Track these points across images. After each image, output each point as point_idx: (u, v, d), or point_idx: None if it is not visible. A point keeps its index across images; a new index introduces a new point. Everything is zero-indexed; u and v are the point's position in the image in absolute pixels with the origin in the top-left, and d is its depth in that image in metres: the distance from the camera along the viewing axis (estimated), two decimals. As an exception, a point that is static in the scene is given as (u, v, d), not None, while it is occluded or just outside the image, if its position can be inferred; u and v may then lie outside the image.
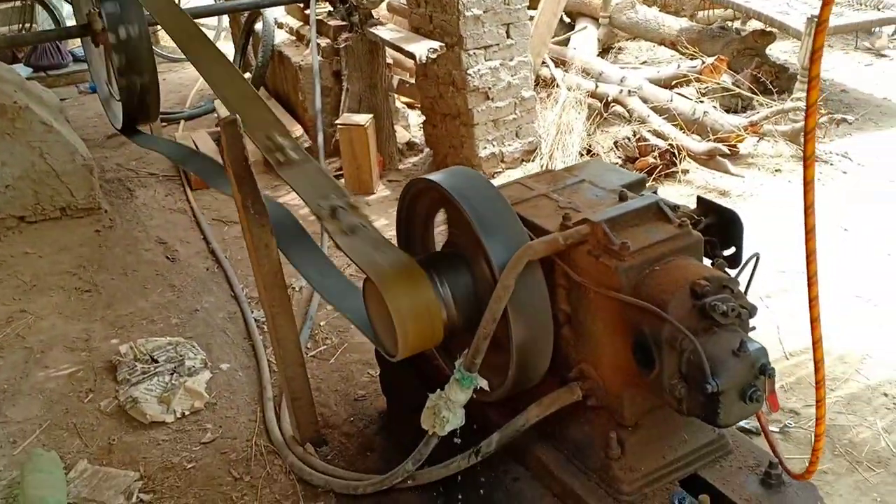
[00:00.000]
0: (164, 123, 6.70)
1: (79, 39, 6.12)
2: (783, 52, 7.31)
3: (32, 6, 7.57)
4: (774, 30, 6.42)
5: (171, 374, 3.61)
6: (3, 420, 3.44)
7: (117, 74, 4.71)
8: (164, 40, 8.75)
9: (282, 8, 6.51)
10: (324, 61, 5.47)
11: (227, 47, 8.58)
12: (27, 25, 7.49)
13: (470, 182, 2.11)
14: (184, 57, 8.22)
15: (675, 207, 2.07)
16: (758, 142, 5.45)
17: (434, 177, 2.14)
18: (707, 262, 2.02)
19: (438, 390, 2.13)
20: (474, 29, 4.81)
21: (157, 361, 3.69)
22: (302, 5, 5.82)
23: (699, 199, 2.18)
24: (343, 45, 5.34)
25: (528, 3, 5.02)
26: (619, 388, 2.00)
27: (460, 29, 4.77)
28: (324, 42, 5.51)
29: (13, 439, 3.31)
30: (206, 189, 5.51)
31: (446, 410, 2.08)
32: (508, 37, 4.97)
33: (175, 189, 5.65)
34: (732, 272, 1.96)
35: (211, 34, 9.04)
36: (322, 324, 3.95)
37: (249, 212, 2.85)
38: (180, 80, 7.84)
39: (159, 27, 8.41)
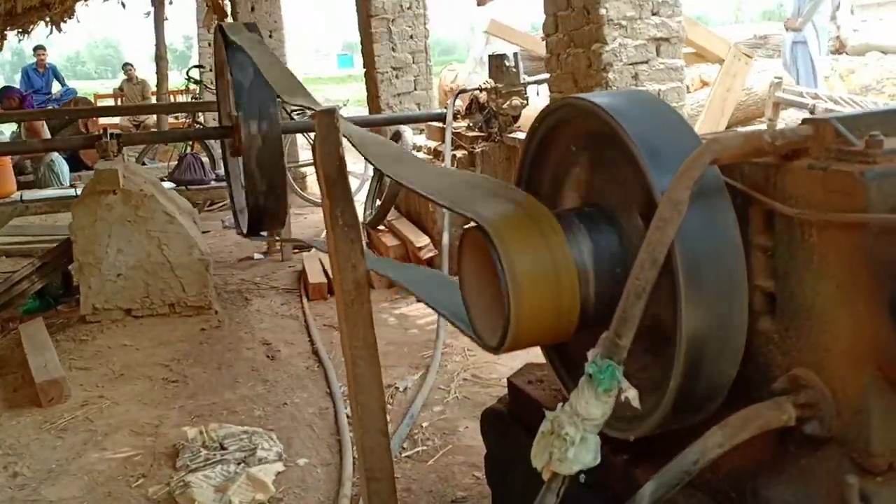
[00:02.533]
0: (295, 250, 6.49)
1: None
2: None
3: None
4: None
5: (239, 463, 2.95)
6: (35, 499, 2.87)
7: (246, 182, 4.50)
8: (312, 185, 8.78)
9: (423, 135, 6.33)
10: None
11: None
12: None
13: (643, 103, 1.45)
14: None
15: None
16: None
17: (591, 96, 1.48)
18: None
19: (560, 404, 1.36)
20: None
21: (225, 449, 3.06)
22: (442, 124, 5.54)
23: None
24: (479, 151, 4.94)
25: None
26: (862, 398, 1.19)
27: (609, 123, 4.26)
28: (461, 153, 5.15)
29: (39, 521, 2.71)
30: (323, 300, 5.10)
31: (571, 427, 1.30)
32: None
33: (292, 299, 5.25)
34: None
35: (355, 182, 9.02)
36: (425, 424, 3.22)
37: (338, 222, 2.26)
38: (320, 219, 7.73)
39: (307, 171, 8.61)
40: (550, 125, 1.60)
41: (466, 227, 1.54)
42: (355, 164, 9.35)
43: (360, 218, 6.50)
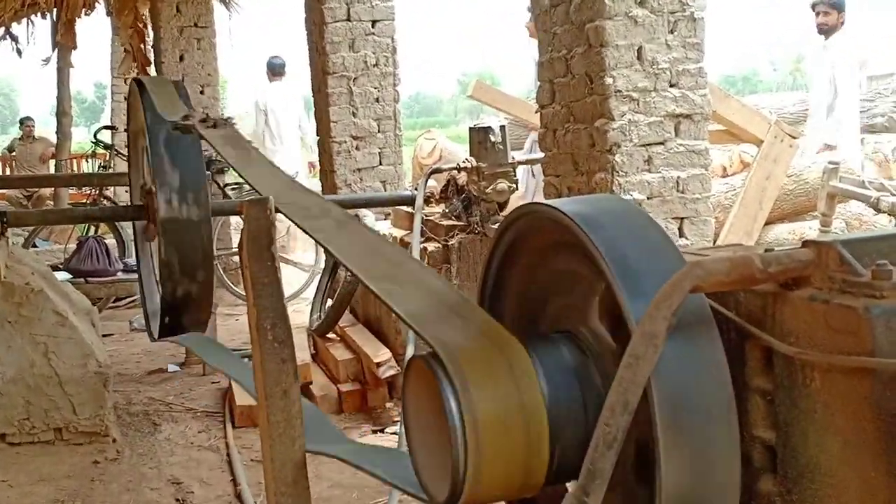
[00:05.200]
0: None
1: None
2: None
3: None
4: None
5: None
6: None
7: (161, 273, 4.58)
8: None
9: (387, 222, 6.49)
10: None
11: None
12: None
13: (619, 212, 1.57)
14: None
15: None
16: None
17: (558, 203, 1.61)
18: None
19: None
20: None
21: None
22: (411, 208, 5.70)
23: None
24: (455, 244, 5.07)
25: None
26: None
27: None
28: (433, 246, 5.28)
29: None
30: (253, 427, 5.13)
31: None
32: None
33: (213, 426, 5.30)
34: None
35: (303, 276, 9.17)
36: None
37: (267, 337, 2.34)
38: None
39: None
40: (515, 235, 1.72)
41: (413, 355, 1.63)
42: (305, 252, 9.55)
43: (307, 323, 6.61)
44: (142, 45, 9.05)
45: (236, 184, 9.57)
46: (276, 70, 11.23)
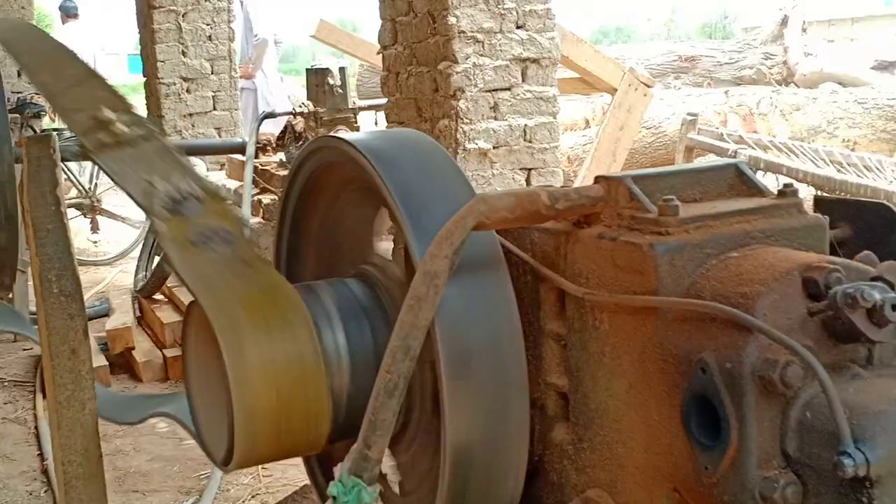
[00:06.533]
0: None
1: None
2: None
3: None
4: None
5: None
6: None
7: None
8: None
9: (223, 173, 6.40)
10: (265, 225, 5.14)
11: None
12: None
13: (408, 146, 1.58)
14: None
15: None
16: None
17: (351, 137, 1.61)
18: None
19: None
20: (479, 168, 4.51)
21: None
22: (243, 156, 5.62)
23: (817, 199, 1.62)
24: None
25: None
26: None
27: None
28: (268, 198, 5.23)
29: None
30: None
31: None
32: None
33: (22, 396, 5.14)
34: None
35: (132, 233, 8.95)
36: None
37: (52, 290, 2.29)
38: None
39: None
40: (310, 172, 1.71)
41: (192, 301, 1.60)
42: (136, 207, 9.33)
43: (131, 284, 6.47)
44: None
45: (56, 130, 9.28)
46: (69, 12, 11.60)
